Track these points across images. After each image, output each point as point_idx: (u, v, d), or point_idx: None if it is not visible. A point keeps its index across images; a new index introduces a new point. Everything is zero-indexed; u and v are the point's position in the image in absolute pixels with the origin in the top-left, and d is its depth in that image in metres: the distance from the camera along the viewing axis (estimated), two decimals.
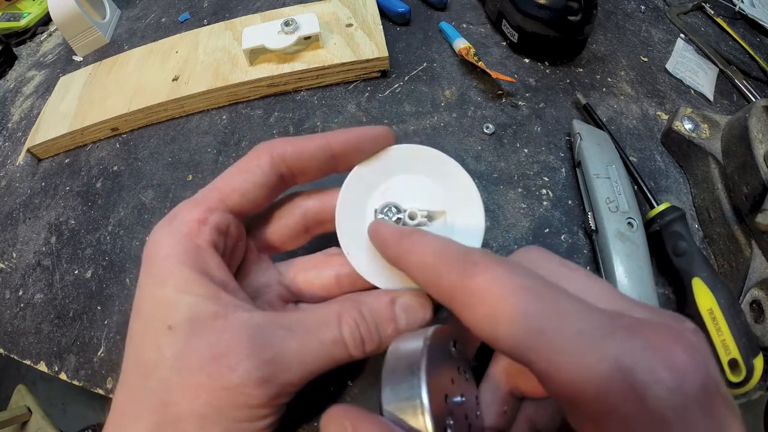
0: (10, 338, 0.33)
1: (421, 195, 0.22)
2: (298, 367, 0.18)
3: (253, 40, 0.40)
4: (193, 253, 0.19)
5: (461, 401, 0.17)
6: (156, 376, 0.17)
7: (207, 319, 0.18)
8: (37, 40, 0.58)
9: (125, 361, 0.19)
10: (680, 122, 0.34)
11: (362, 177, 0.22)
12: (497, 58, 0.42)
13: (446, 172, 0.22)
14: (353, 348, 0.19)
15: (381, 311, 0.20)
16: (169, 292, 0.18)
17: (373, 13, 0.44)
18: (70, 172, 0.41)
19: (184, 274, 0.18)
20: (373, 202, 0.22)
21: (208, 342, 0.17)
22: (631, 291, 0.27)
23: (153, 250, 0.19)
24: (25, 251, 0.37)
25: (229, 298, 0.19)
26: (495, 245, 0.31)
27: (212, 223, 0.20)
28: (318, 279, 0.23)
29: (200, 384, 0.17)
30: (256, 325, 0.18)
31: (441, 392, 0.16)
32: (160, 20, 0.53)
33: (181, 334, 0.17)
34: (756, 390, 0.27)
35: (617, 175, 0.31)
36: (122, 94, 0.42)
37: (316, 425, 0.27)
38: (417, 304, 0.20)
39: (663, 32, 0.46)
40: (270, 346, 0.18)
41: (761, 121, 0.31)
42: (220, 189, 0.21)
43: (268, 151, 0.21)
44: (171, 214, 0.20)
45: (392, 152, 0.23)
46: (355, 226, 0.22)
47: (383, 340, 0.20)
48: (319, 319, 0.19)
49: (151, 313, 0.18)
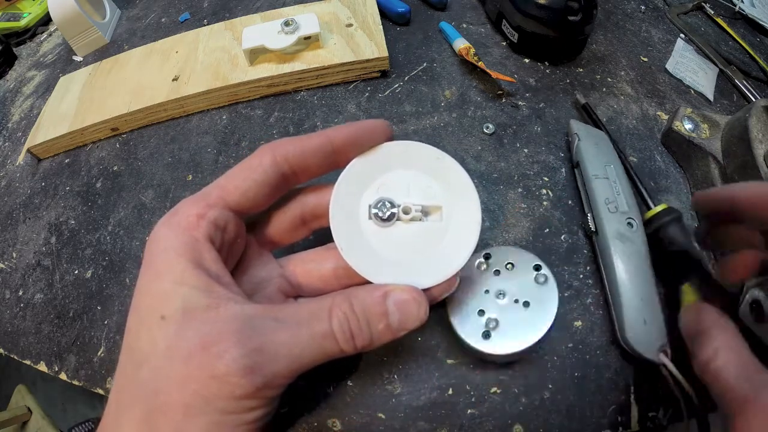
0: (10, 338, 0.33)
1: (416, 190, 0.22)
2: (287, 358, 0.18)
3: (253, 40, 0.40)
4: (190, 246, 0.19)
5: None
6: (148, 365, 0.18)
7: (199, 310, 0.18)
8: (37, 40, 0.58)
9: (121, 353, 0.19)
10: (680, 122, 0.34)
11: (357, 173, 0.22)
12: (497, 58, 0.42)
13: (442, 167, 0.22)
14: (343, 342, 0.19)
15: (373, 306, 0.20)
16: (164, 283, 0.18)
17: (373, 13, 0.44)
18: (70, 172, 0.41)
19: (180, 266, 0.19)
20: (368, 197, 0.22)
21: (198, 331, 0.18)
22: (632, 291, 0.27)
23: (153, 244, 0.20)
24: (25, 251, 0.37)
25: (222, 290, 0.19)
26: (495, 245, 0.31)
27: (210, 218, 0.20)
28: (316, 272, 0.24)
29: (189, 373, 0.17)
30: (246, 316, 0.18)
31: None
32: (160, 20, 0.53)
33: (173, 323, 0.18)
34: None
35: (616, 176, 0.31)
36: (122, 94, 0.42)
37: (316, 425, 0.27)
38: (411, 300, 0.20)
39: (663, 32, 0.46)
40: (258, 336, 0.18)
41: (761, 121, 0.31)
42: (221, 187, 0.21)
43: (270, 151, 0.21)
44: (173, 210, 0.21)
45: (387, 148, 0.23)
46: (348, 222, 0.22)
47: (374, 335, 0.20)
48: (311, 312, 0.20)
49: (147, 305, 0.19)
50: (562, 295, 0.29)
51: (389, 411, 0.27)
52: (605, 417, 0.26)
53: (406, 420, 0.26)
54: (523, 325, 0.25)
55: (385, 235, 0.22)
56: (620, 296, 0.27)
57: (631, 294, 0.27)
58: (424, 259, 0.22)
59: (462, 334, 0.26)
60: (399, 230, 0.22)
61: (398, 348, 0.28)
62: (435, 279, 0.21)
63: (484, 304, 0.26)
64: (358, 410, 0.27)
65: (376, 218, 0.22)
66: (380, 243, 0.22)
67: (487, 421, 0.26)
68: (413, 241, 0.22)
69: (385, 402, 0.27)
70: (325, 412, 0.27)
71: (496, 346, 0.25)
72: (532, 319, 0.25)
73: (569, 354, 0.28)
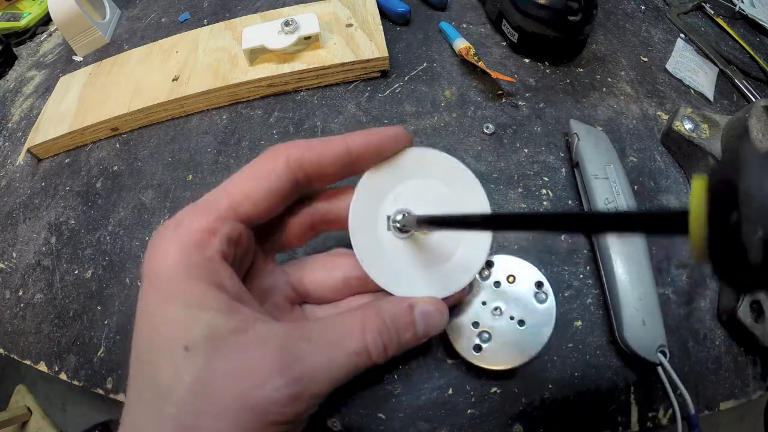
0: (10, 338, 0.33)
1: (432, 201, 0.22)
2: (326, 381, 0.18)
3: (253, 40, 0.40)
4: (204, 267, 0.18)
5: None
6: (173, 400, 0.16)
7: (226, 335, 0.17)
8: (37, 40, 0.58)
9: (134, 381, 0.18)
10: (680, 122, 0.34)
11: (373, 183, 0.22)
12: (497, 58, 0.42)
13: (455, 177, 0.22)
14: (376, 356, 0.19)
15: (401, 318, 0.20)
16: (180, 309, 0.17)
17: (373, 13, 0.44)
18: (70, 172, 0.41)
19: (197, 289, 0.17)
20: (386, 208, 0.22)
21: (230, 361, 0.17)
22: (631, 292, 0.27)
23: (157, 261, 0.18)
24: (25, 251, 0.37)
25: (246, 311, 0.18)
26: (495, 245, 0.31)
27: (223, 234, 0.19)
28: (326, 281, 0.23)
29: (224, 406, 0.16)
30: (278, 339, 0.18)
31: None
32: (160, 20, 0.53)
33: (200, 354, 0.17)
34: (755, 390, 0.27)
35: (615, 176, 0.31)
36: (122, 94, 0.42)
37: (316, 424, 0.27)
38: (435, 311, 0.21)
39: (663, 32, 0.46)
40: (297, 362, 0.17)
41: (761, 121, 0.31)
42: (230, 194, 0.19)
43: (284, 155, 0.20)
44: (174, 221, 0.19)
45: (402, 156, 0.22)
46: (368, 234, 0.22)
47: (401, 344, 0.20)
48: (343, 330, 0.19)
49: (161, 332, 0.17)
50: (562, 296, 0.29)
51: (389, 411, 0.27)
52: (605, 417, 0.26)
53: (406, 420, 0.26)
54: (514, 344, 0.25)
55: (402, 246, 0.22)
56: (619, 296, 0.27)
57: (630, 294, 0.27)
58: (439, 269, 0.22)
59: (455, 343, 0.26)
60: (415, 241, 0.22)
61: None
62: (450, 289, 0.22)
63: (480, 315, 0.26)
64: (358, 410, 0.27)
65: (395, 230, 0.22)
66: (398, 254, 0.22)
67: (487, 421, 0.26)
68: (428, 252, 0.22)
69: (385, 402, 0.27)
70: (325, 411, 0.27)
71: (484, 360, 0.25)
72: (524, 339, 0.25)
73: (569, 354, 0.28)
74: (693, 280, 0.30)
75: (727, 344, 0.28)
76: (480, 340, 0.25)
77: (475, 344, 0.25)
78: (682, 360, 0.27)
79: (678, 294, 0.30)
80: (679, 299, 0.29)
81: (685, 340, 0.28)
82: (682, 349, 0.28)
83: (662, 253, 0.31)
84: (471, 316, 0.26)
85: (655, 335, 0.26)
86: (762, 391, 0.27)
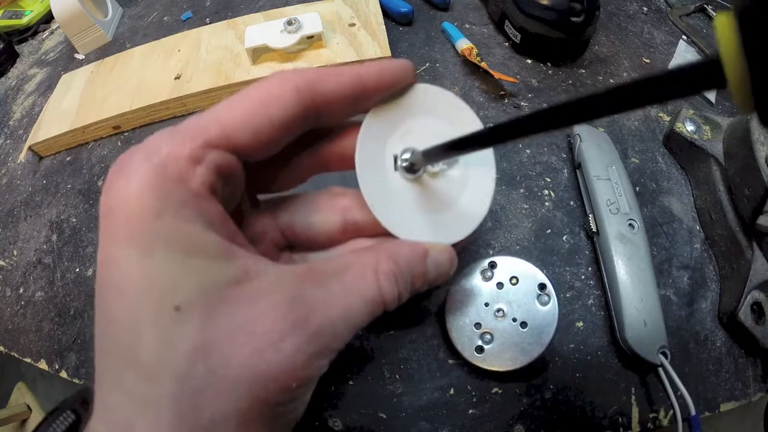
0: (10, 336, 0.33)
1: (440, 139, 0.20)
2: (346, 332, 0.16)
3: (255, 39, 0.40)
4: (189, 204, 0.14)
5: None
6: (165, 378, 0.13)
7: (225, 287, 0.14)
8: (39, 38, 0.58)
9: (105, 362, 0.14)
10: (682, 124, 0.34)
11: (379, 120, 0.20)
12: (500, 59, 0.42)
13: (462, 118, 0.21)
14: (391, 302, 0.17)
15: (416, 263, 0.18)
16: (161, 257, 0.13)
17: (376, 12, 0.44)
18: (72, 170, 0.41)
19: (182, 230, 0.13)
20: (392, 146, 0.20)
21: (234, 319, 0.14)
22: (632, 292, 0.27)
23: (124, 199, 0.13)
24: (26, 249, 0.37)
25: (245, 254, 0.15)
26: (497, 245, 0.32)
27: (211, 163, 0.15)
28: (321, 225, 0.20)
29: (233, 377, 0.13)
30: (288, 287, 0.15)
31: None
32: (162, 18, 0.53)
33: (195, 315, 0.13)
34: (756, 392, 0.27)
35: (618, 177, 0.31)
36: (124, 93, 0.42)
37: (317, 424, 0.27)
38: (447, 260, 0.19)
39: (665, 34, 0.46)
40: (314, 313, 0.15)
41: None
42: (222, 120, 0.16)
43: (293, 82, 0.16)
44: (145, 146, 0.14)
45: (407, 92, 0.21)
46: (374, 174, 0.20)
47: (413, 292, 0.19)
48: (356, 275, 0.16)
49: (138, 290, 0.13)
50: (563, 296, 0.29)
51: (390, 411, 0.27)
52: (606, 417, 0.26)
53: (408, 420, 0.26)
54: (516, 346, 0.25)
55: (410, 188, 0.20)
56: (620, 297, 0.27)
57: (631, 295, 0.27)
58: (445, 215, 0.21)
59: (457, 344, 0.26)
60: (423, 183, 0.21)
61: (399, 348, 0.28)
62: (459, 235, 0.21)
63: (482, 317, 0.26)
64: (360, 410, 0.27)
65: (403, 170, 0.20)
66: (404, 197, 0.20)
67: (488, 421, 0.26)
68: (434, 197, 0.21)
69: (387, 402, 0.27)
70: (326, 411, 0.27)
71: (486, 361, 0.25)
72: (526, 341, 0.25)
73: (571, 354, 0.28)
74: (694, 281, 0.30)
75: (728, 346, 0.28)
76: (482, 342, 0.25)
77: (477, 345, 0.25)
78: (683, 361, 0.28)
79: (679, 295, 0.30)
80: (680, 300, 0.29)
81: (686, 342, 0.28)
82: (683, 350, 0.28)
83: (663, 255, 0.31)
84: (473, 318, 0.26)
85: (656, 336, 0.26)
86: (762, 393, 0.27)
